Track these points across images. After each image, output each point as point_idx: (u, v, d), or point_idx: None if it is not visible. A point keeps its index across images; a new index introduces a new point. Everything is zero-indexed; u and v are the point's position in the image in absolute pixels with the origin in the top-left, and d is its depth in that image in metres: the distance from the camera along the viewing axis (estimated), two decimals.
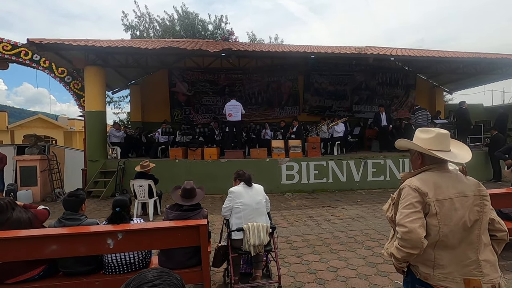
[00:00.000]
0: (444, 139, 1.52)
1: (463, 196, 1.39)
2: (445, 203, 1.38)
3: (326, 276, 3.20)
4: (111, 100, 15.72)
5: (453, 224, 1.37)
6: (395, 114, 12.37)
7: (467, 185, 1.43)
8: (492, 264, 1.35)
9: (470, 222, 1.36)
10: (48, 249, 2.26)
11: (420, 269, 1.44)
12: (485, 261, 1.34)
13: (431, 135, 1.53)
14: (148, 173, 5.77)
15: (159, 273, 0.70)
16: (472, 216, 1.36)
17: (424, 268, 1.42)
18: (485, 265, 1.33)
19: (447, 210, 1.37)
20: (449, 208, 1.38)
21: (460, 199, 1.39)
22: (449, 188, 1.41)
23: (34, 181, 7.71)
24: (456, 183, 1.43)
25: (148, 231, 2.51)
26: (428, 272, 1.40)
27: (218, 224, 4.68)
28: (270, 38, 20.12)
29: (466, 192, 1.41)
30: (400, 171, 8.26)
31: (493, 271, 1.34)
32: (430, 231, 1.39)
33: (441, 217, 1.37)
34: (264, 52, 8.24)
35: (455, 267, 1.36)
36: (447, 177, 1.46)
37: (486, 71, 10.51)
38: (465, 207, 1.38)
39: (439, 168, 1.49)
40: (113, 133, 9.11)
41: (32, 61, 8.42)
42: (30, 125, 21.18)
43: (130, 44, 8.12)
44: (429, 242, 1.38)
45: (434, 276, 1.38)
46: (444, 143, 1.52)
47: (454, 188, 1.41)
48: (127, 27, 17.02)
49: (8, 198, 2.64)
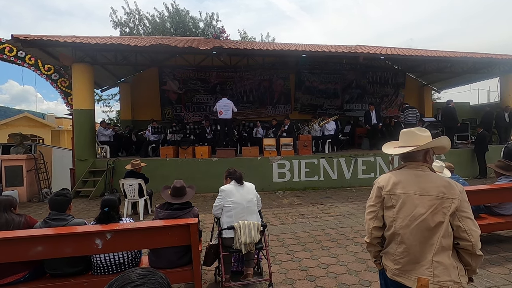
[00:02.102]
0: (404, 136, 1.62)
1: (424, 195, 1.41)
2: (401, 197, 1.44)
3: (317, 272, 3.22)
4: (100, 98, 15.44)
5: (405, 219, 1.41)
6: (384, 113, 12.55)
7: (434, 185, 1.42)
8: (445, 267, 1.34)
9: (433, 223, 1.37)
10: (33, 251, 2.21)
11: (383, 260, 1.53)
12: (437, 263, 1.34)
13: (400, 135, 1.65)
14: (138, 172, 5.70)
15: (143, 273, 0.69)
16: (436, 217, 1.37)
17: (386, 260, 1.51)
18: (437, 266, 1.34)
19: (404, 204, 1.43)
20: (406, 202, 1.43)
21: (420, 196, 1.42)
22: (410, 184, 1.45)
23: (20, 181, 7.51)
24: (421, 181, 1.45)
25: (137, 231, 2.48)
26: (387, 265, 1.49)
27: (210, 223, 4.66)
28: (262, 36, 20.05)
29: (430, 191, 1.41)
30: (390, 168, 8.39)
31: (444, 274, 1.33)
32: (386, 223, 1.49)
33: (397, 209, 1.44)
34: (255, 50, 8.22)
35: (413, 266, 1.39)
36: (413, 174, 1.49)
37: (473, 70, 10.75)
38: (426, 205, 1.39)
39: (409, 166, 1.54)
40: (101, 131, 8.96)
41: (17, 58, 8.16)
42: (15, 124, 20.60)
43: (119, 41, 7.98)
44: (388, 233, 1.48)
45: (391, 270, 1.46)
46: (403, 140, 1.61)
47: (416, 185, 1.44)
48: (116, 24, 16.73)
49: (5, 198, 2.56)
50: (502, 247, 3.73)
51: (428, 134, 1.58)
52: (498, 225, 3.72)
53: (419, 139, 1.54)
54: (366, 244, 1.61)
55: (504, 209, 3.79)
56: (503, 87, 10.99)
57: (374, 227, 1.52)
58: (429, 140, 1.53)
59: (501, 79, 11.02)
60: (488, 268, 3.16)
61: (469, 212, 1.38)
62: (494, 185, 3.82)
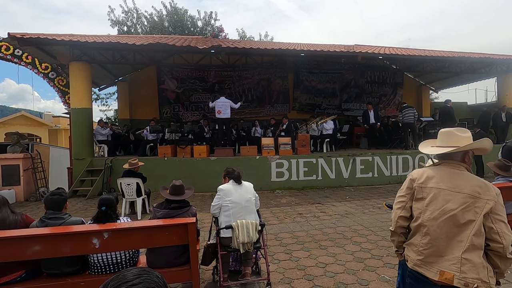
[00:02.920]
0: (442, 136, 1.62)
1: (458, 192, 1.42)
2: (433, 191, 1.47)
3: (315, 272, 3.23)
4: (97, 97, 15.36)
5: (435, 211, 1.44)
6: (383, 112, 12.58)
7: (469, 184, 1.43)
8: (474, 265, 1.34)
9: (463, 220, 1.37)
10: (30, 250, 2.19)
11: (406, 251, 1.55)
12: (466, 260, 1.35)
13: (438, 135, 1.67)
14: (136, 171, 5.68)
15: (139, 272, 0.68)
16: (467, 215, 1.38)
17: (408, 251, 1.53)
18: (466, 263, 1.35)
19: (435, 198, 1.45)
20: (437, 196, 1.45)
21: (453, 193, 1.43)
22: (444, 180, 1.47)
23: (17, 180, 7.47)
24: (456, 179, 1.47)
25: (135, 230, 2.47)
26: (409, 255, 1.50)
27: (208, 222, 4.66)
28: (260, 36, 20.07)
29: (464, 189, 1.42)
30: (388, 168, 8.42)
31: (471, 271, 1.34)
32: (414, 214, 1.52)
33: (427, 202, 1.47)
34: (254, 49, 8.21)
35: (436, 259, 1.41)
36: (449, 171, 1.51)
37: (470, 70, 10.80)
38: (458, 202, 1.40)
39: (446, 164, 1.56)
40: (98, 130, 8.92)
41: (14, 56, 8.10)
42: (12, 123, 20.45)
43: (117, 40, 7.94)
44: (414, 224, 1.50)
45: (412, 261, 1.47)
46: (441, 139, 1.61)
47: (451, 182, 1.46)
48: (114, 23, 16.66)
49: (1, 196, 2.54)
50: None
51: (468, 135, 1.56)
52: None
53: (459, 139, 1.54)
54: (390, 233, 1.65)
55: None
56: (500, 87, 11.04)
57: (400, 217, 1.56)
58: (469, 141, 1.52)
59: (498, 79, 11.07)
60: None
61: (503, 216, 1.37)
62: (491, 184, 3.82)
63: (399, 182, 8.38)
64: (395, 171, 8.46)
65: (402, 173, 8.48)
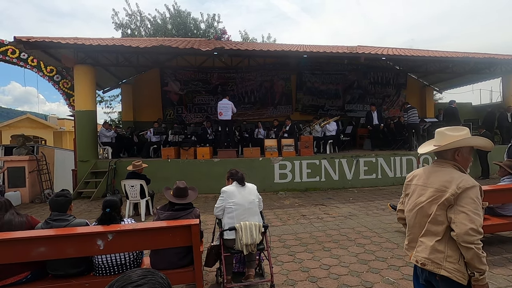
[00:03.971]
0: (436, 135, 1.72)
1: (428, 187, 1.61)
2: (412, 187, 1.72)
3: (319, 273, 3.21)
4: (101, 99, 15.51)
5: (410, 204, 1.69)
6: (386, 113, 12.52)
7: (440, 180, 1.57)
8: (426, 247, 1.56)
9: (430, 211, 1.56)
10: (35, 251, 2.21)
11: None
12: (421, 242, 1.60)
13: None
14: (140, 173, 5.71)
15: (144, 273, 0.69)
16: (433, 207, 1.55)
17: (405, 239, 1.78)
18: (420, 245, 1.60)
19: (413, 193, 1.70)
20: (414, 191, 1.69)
21: (424, 188, 1.63)
22: (423, 178, 1.68)
23: (23, 182, 7.54)
24: (432, 176, 1.63)
25: (139, 232, 2.48)
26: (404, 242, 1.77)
27: (211, 224, 4.67)
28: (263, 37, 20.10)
29: (434, 184, 1.59)
30: (392, 169, 8.37)
31: (423, 252, 1.58)
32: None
33: (409, 197, 1.74)
34: (256, 51, 8.23)
35: (413, 244, 1.67)
36: (430, 170, 1.68)
37: (475, 70, 10.72)
38: (427, 196, 1.59)
39: (434, 162, 1.71)
40: (103, 133, 8.99)
41: (20, 60, 8.22)
42: (18, 125, 20.68)
43: (121, 43, 8.01)
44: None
45: (404, 245, 1.76)
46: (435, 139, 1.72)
47: (427, 178, 1.65)
48: (117, 26, 16.82)
49: (4, 198, 2.57)
50: (504, 248, 3.70)
51: (460, 133, 1.62)
52: (501, 226, 3.69)
53: (447, 138, 1.62)
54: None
55: (507, 210, 3.77)
56: (505, 87, 10.94)
57: (398, 209, 1.88)
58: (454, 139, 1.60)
59: (503, 79, 10.98)
60: (491, 269, 3.14)
61: (467, 208, 1.45)
62: (497, 185, 3.80)
63: (402, 184, 8.27)
64: (399, 172, 8.40)
65: (406, 174, 8.36)
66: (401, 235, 4.32)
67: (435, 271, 1.52)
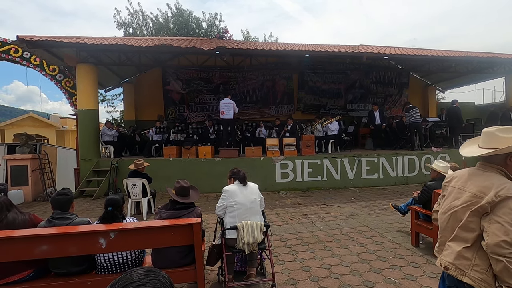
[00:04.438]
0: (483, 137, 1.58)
1: (465, 191, 1.52)
2: (449, 189, 1.64)
3: (320, 273, 3.21)
4: (104, 98, 15.53)
5: (445, 207, 1.62)
6: (388, 113, 12.48)
7: (478, 185, 1.46)
8: (452, 251, 1.52)
9: (463, 216, 1.47)
10: (38, 250, 2.22)
11: None
12: (449, 246, 1.55)
13: None
14: (141, 172, 5.73)
15: (146, 272, 0.69)
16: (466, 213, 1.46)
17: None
18: (447, 249, 1.56)
19: (449, 195, 1.62)
20: (450, 194, 1.61)
21: (461, 191, 1.54)
22: (461, 180, 1.59)
23: (25, 181, 7.58)
24: (471, 179, 1.53)
25: (141, 230, 2.49)
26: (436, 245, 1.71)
27: (212, 223, 4.67)
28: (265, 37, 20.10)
29: (472, 188, 1.49)
30: (393, 168, 8.35)
31: (448, 256, 1.54)
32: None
33: (445, 199, 1.66)
34: (258, 50, 8.21)
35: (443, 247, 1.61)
36: (471, 173, 1.58)
37: (478, 70, 10.65)
38: (462, 200, 1.51)
39: (478, 165, 1.59)
40: (105, 131, 9.01)
41: (22, 59, 8.24)
42: (21, 124, 20.78)
43: (123, 42, 8.02)
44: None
45: (435, 248, 1.71)
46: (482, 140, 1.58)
47: (465, 181, 1.56)
48: (119, 25, 16.83)
49: (5, 197, 2.58)
50: None
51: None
52: None
53: (499, 141, 1.46)
54: None
55: None
56: (508, 87, 10.87)
57: (434, 210, 1.81)
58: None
59: (506, 78, 10.91)
60: None
61: (503, 218, 1.34)
62: None
63: (404, 183, 8.31)
64: (401, 172, 8.37)
65: (408, 174, 8.40)
66: (403, 235, 4.31)
67: (458, 277, 1.47)
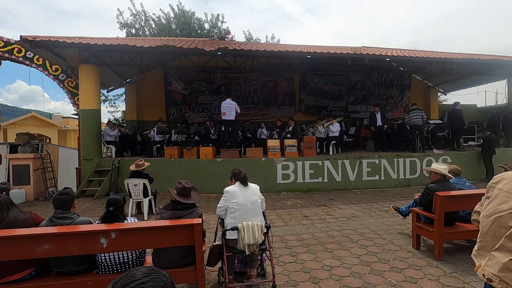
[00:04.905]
0: None
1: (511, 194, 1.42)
2: (496, 191, 1.51)
3: (321, 275, 3.21)
4: (106, 98, 15.61)
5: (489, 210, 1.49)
6: (390, 114, 12.46)
7: None
8: (497, 262, 1.39)
9: (510, 222, 1.37)
10: (39, 249, 2.23)
11: None
12: (493, 256, 1.41)
13: None
14: (143, 172, 5.74)
15: (148, 271, 0.70)
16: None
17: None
18: (491, 259, 1.42)
19: (495, 198, 1.49)
20: (497, 196, 1.48)
21: (507, 194, 1.43)
22: (511, 183, 1.46)
23: (27, 180, 7.61)
24: None
25: (142, 230, 2.50)
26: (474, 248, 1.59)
27: (213, 223, 4.68)
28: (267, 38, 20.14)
29: None
30: (395, 170, 8.33)
31: (492, 267, 1.40)
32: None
33: (489, 201, 1.54)
34: (260, 51, 8.23)
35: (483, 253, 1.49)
36: None
37: (480, 72, 10.63)
38: (509, 204, 1.40)
39: None
40: (107, 132, 9.04)
41: (25, 59, 8.30)
42: (23, 123, 20.88)
43: (125, 42, 8.05)
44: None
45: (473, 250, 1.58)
46: None
47: None
48: (122, 25, 16.89)
49: (5, 196, 2.60)
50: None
51: None
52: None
53: None
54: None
55: None
56: (510, 89, 10.84)
57: (475, 211, 1.69)
58: None
59: (508, 81, 10.87)
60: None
61: None
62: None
63: (406, 185, 8.28)
64: (402, 174, 8.35)
65: (410, 176, 8.38)
66: (404, 237, 4.30)
67: None
